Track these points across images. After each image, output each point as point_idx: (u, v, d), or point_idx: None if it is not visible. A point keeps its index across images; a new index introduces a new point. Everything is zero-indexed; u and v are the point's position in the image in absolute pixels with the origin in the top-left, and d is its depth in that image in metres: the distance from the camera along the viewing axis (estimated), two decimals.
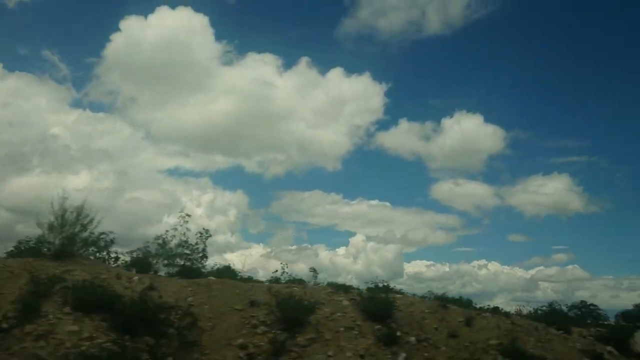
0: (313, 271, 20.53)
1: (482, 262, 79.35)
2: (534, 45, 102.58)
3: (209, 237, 21.66)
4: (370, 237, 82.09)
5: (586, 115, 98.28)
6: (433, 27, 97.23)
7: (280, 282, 19.79)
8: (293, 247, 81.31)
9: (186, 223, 21.10)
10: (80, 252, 18.87)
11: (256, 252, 77.06)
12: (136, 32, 79.89)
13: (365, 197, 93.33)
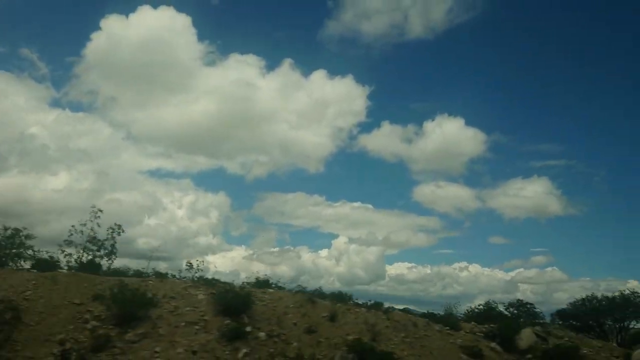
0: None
1: (463, 264, 78.89)
2: (515, 50, 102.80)
3: (120, 233, 20.36)
4: (352, 239, 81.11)
5: (565, 119, 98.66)
6: (416, 31, 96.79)
7: (145, 277, 18.74)
8: (275, 249, 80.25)
9: (97, 218, 19.83)
10: None
11: (238, 255, 75.86)
12: (117, 31, 77.77)
13: (347, 199, 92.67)
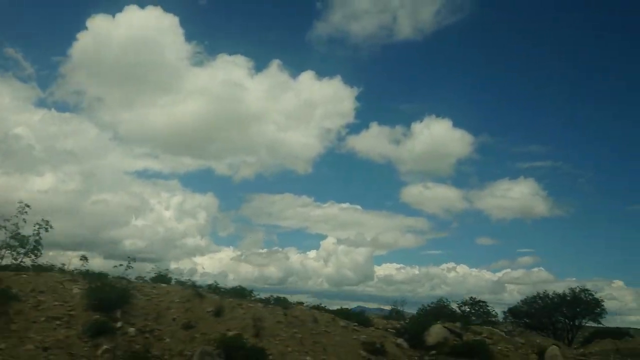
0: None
1: (451, 265, 78.92)
2: (502, 52, 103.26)
3: (48, 229, 19.08)
4: (341, 240, 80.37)
5: (552, 122, 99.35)
6: (404, 32, 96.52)
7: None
8: (264, 251, 79.33)
9: (24, 214, 18.61)
10: None
11: (226, 256, 74.66)
12: (103, 31, 76.53)
13: (336, 200, 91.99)
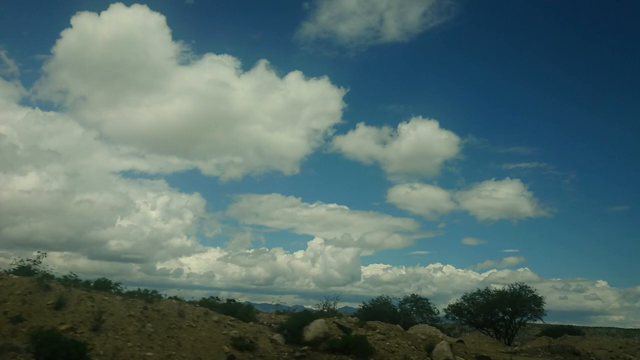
0: None
1: (438, 265, 78.46)
2: (488, 54, 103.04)
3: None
4: (328, 241, 79.42)
5: (536, 123, 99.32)
6: (391, 34, 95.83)
7: None
8: (250, 251, 77.94)
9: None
10: None
11: (213, 256, 73.03)
12: (88, 29, 74.33)
13: (323, 201, 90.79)
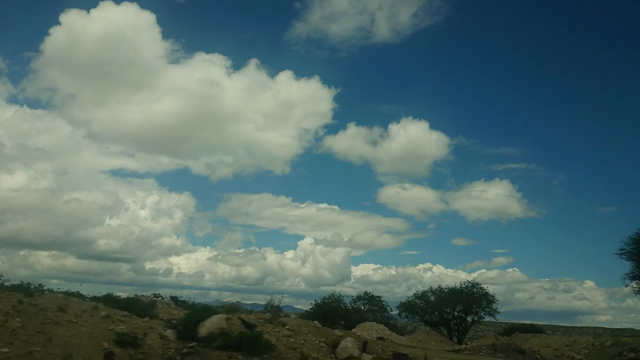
0: None
1: (427, 265, 78.16)
2: (478, 55, 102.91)
3: None
4: (318, 241, 78.57)
5: (526, 124, 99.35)
6: (382, 34, 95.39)
7: None
8: (241, 251, 77.01)
9: None
10: None
11: (202, 256, 71.99)
12: (77, 27, 72.92)
13: (313, 201, 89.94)
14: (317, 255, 70.65)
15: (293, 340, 17.76)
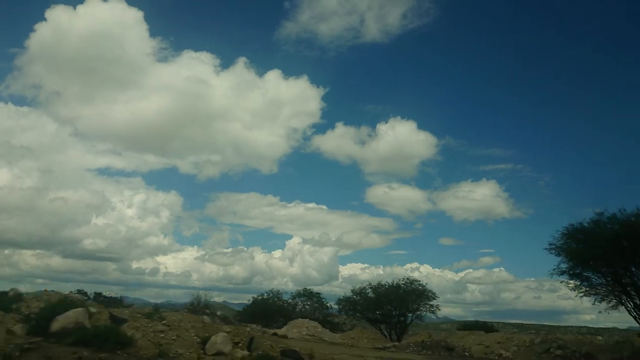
0: None
1: (415, 265, 77.19)
2: (466, 57, 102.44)
3: None
4: (306, 240, 77.11)
5: (513, 125, 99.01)
6: (371, 34, 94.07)
7: None
8: (228, 250, 75.16)
9: None
10: None
11: (190, 255, 70.15)
12: (63, 23, 70.46)
13: (302, 200, 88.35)
14: (305, 254, 70.10)
15: (164, 335, 16.59)
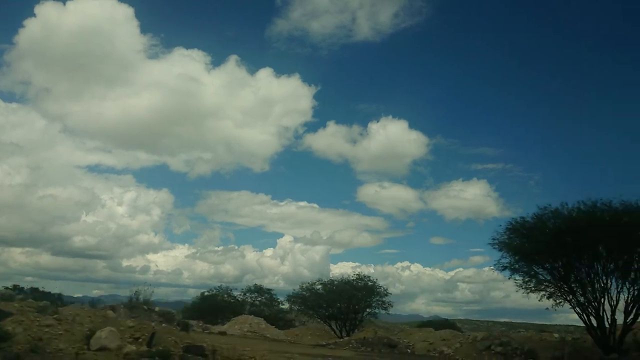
0: None
1: (406, 264, 76.38)
2: (458, 56, 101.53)
3: None
4: (297, 239, 76.08)
5: (503, 125, 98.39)
6: (363, 33, 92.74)
7: None
8: (219, 248, 73.89)
9: None
10: None
11: (181, 253, 68.72)
12: (53, 19, 68.58)
13: (293, 199, 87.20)
14: (297, 253, 69.39)
15: (49, 330, 15.57)
